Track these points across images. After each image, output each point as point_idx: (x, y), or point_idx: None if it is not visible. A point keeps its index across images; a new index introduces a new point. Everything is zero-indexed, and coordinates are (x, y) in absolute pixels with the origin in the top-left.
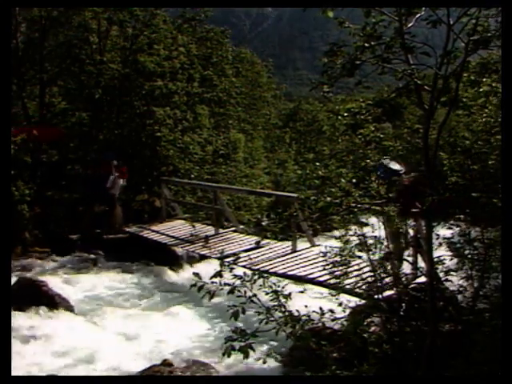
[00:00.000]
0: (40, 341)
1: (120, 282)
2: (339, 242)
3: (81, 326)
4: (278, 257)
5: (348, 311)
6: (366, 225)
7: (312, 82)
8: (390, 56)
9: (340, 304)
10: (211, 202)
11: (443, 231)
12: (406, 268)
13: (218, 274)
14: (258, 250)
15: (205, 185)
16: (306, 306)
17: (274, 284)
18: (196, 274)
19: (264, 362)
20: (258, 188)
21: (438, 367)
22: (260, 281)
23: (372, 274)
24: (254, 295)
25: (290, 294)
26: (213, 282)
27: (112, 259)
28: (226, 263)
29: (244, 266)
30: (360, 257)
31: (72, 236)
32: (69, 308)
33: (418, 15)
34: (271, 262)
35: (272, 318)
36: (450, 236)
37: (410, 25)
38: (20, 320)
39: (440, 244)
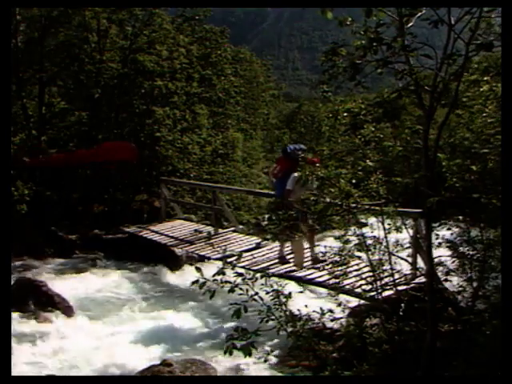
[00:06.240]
0: (39, 341)
1: (119, 282)
2: (338, 242)
3: (80, 326)
4: None
5: (347, 311)
6: (366, 225)
7: (312, 82)
8: (391, 57)
9: (339, 304)
10: (210, 202)
11: (443, 231)
12: (406, 268)
13: (221, 272)
14: (257, 251)
15: (204, 185)
16: (306, 306)
17: (276, 283)
18: (198, 269)
19: (265, 361)
20: (257, 188)
21: (438, 367)
22: (260, 281)
23: (371, 274)
24: (256, 293)
25: (290, 293)
26: (214, 280)
27: (111, 259)
28: (227, 263)
29: (243, 267)
30: (359, 257)
31: (71, 236)
32: (68, 308)
33: (419, 14)
34: (271, 263)
35: (273, 317)
36: (450, 236)
37: (410, 24)
38: (19, 320)
39: (440, 244)
